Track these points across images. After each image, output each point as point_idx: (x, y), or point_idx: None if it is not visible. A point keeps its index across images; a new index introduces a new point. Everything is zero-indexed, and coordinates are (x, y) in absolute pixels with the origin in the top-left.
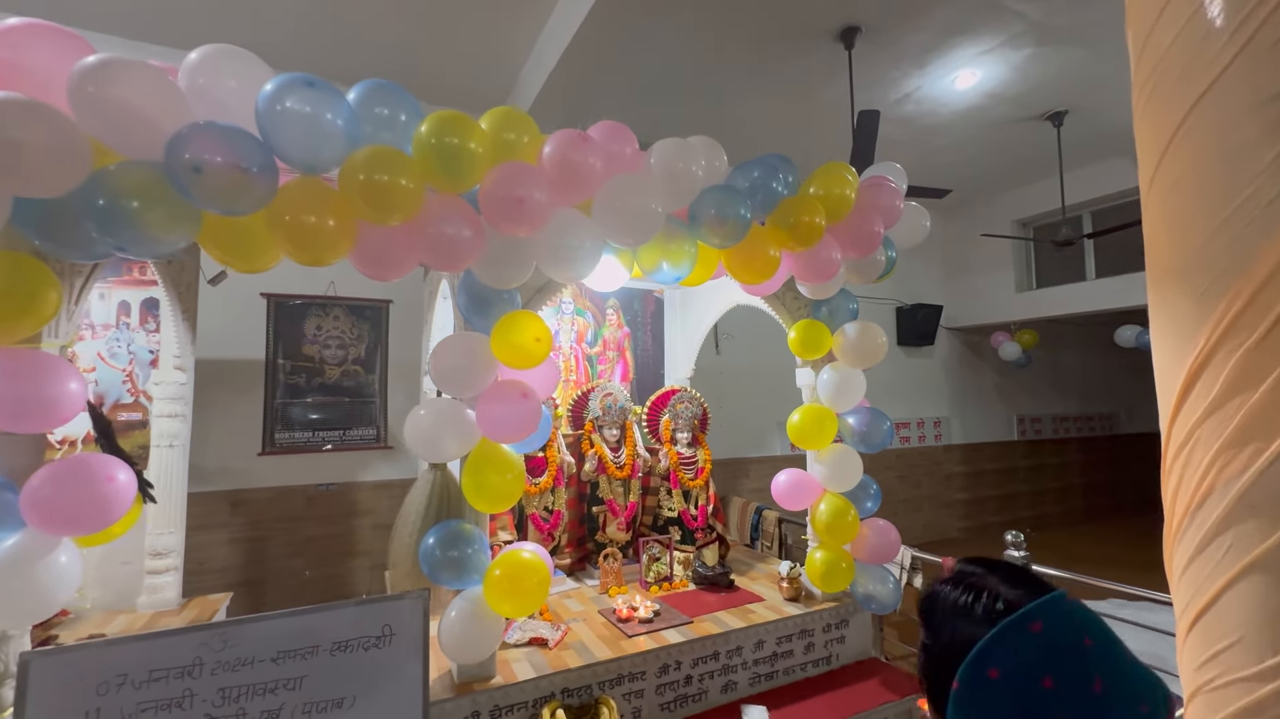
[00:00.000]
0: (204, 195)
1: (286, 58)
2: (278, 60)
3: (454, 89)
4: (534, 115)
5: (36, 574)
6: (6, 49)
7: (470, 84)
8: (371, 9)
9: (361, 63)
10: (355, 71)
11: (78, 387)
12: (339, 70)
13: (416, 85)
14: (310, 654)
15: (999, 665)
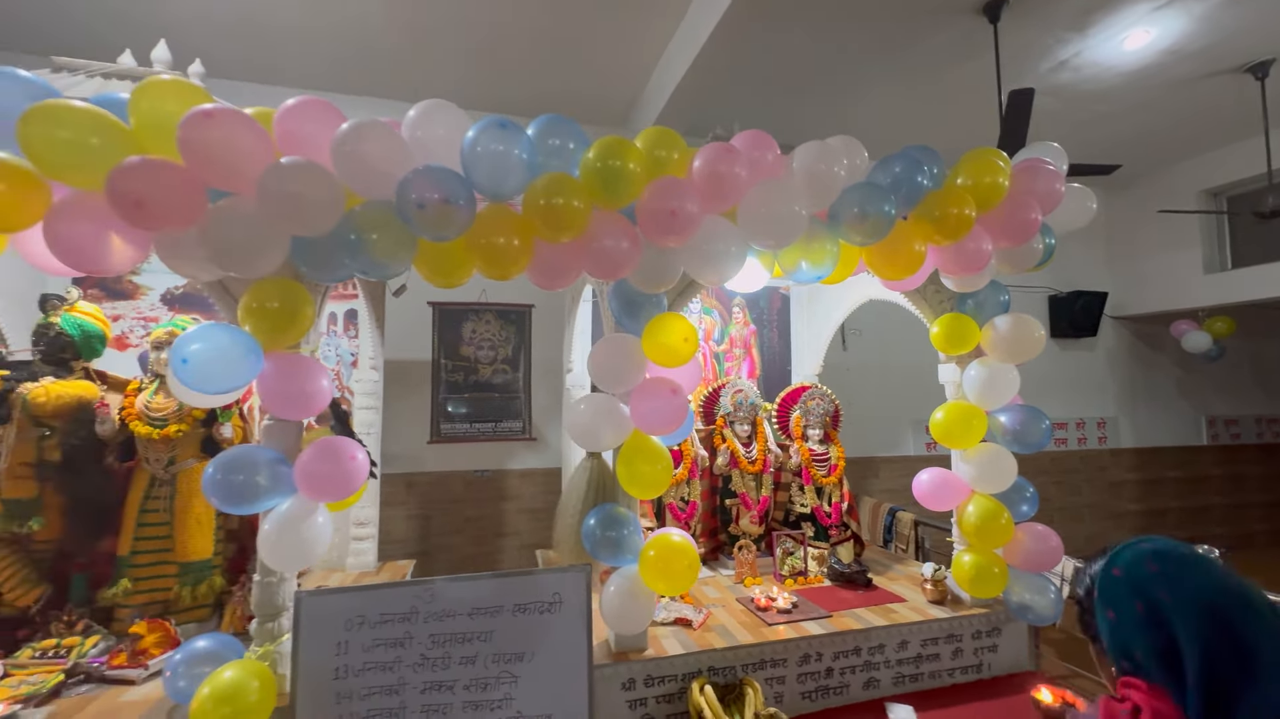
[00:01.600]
0: (424, 226)
1: (433, 88)
2: (427, 92)
3: (581, 103)
4: (662, 121)
5: (303, 531)
6: (288, 122)
7: (597, 96)
8: (506, 42)
9: (498, 88)
10: (494, 95)
11: (327, 384)
12: (480, 97)
13: (546, 103)
14: (497, 613)
15: (1110, 606)
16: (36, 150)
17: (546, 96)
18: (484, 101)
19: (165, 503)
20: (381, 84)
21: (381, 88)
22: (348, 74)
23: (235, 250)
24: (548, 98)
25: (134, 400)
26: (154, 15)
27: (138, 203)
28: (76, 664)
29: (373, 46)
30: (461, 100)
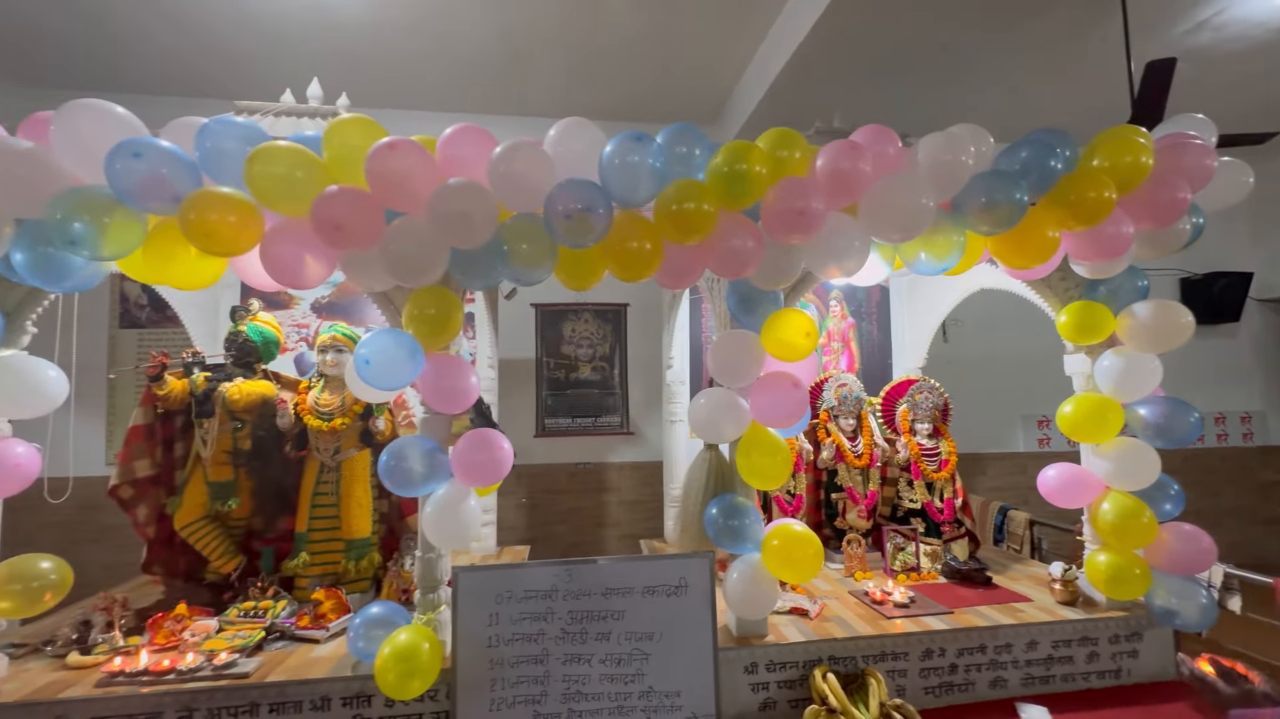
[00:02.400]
0: (567, 234)
1: (532, 101)
2: (534, 104)
3: (670, 105)
4: (757, 118)
5: (459, 513)
6: (450, 148)
7: (687, 98)
8: (599, 51)
9: (590, 95)
10: (586, 102)
11: (475, 381)
12: (574, 105)
13: (637, 107)
14: (628, 593)
15: None
16: (257, 184)
17: (637, 101)
18: (577, 109)
19: (332, 487)
20: (485, 101)
21: (485, 104)
22: (457, 94)
23: (409, 263)
24: (638, 102)
25: (306, 397)
26: (293, 55)
27: (337, 226)
28: (273, 624)
29: (479, 67)
30: (556, 110)
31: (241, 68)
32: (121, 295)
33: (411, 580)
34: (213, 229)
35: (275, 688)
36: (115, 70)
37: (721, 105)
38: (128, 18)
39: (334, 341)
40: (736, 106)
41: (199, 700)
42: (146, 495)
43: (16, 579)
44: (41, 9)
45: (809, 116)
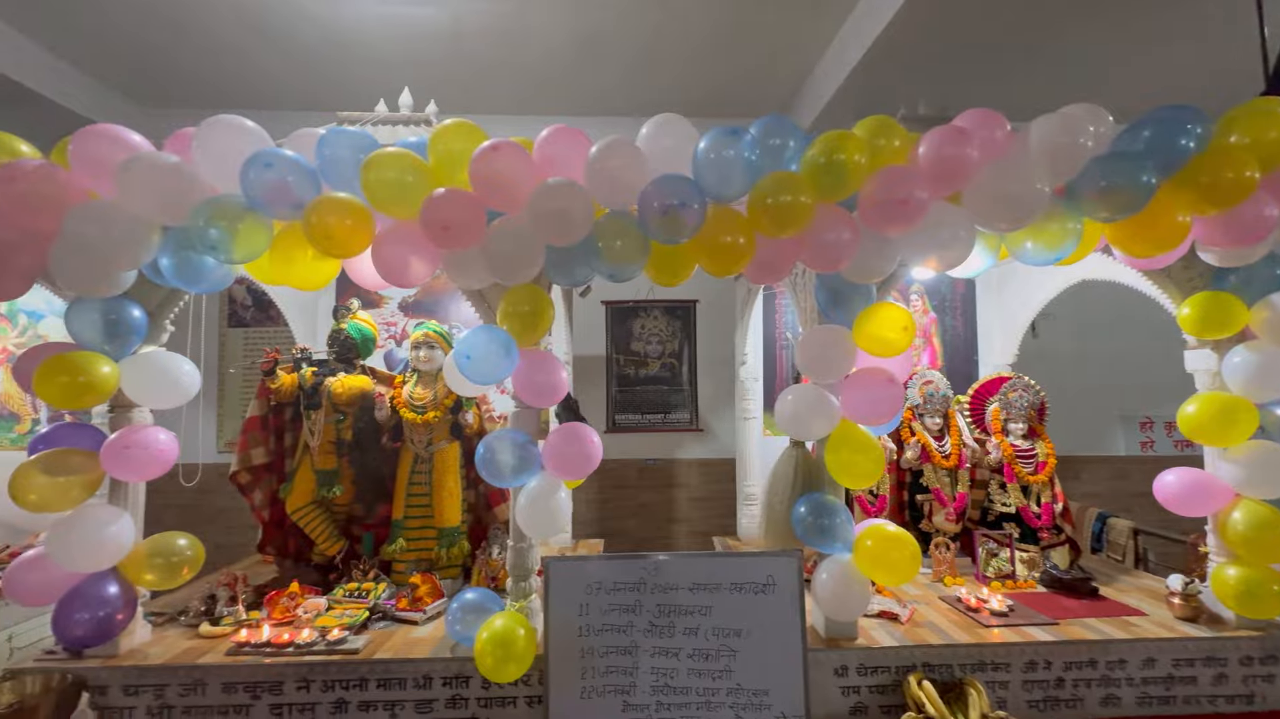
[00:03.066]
0: (662, 230)
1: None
2: (602, 104)
3: (738, 98)
4: (832, 108)
5: (550, 505)
6: (546, 149)
7: (756, 90)
8: (668, 48)
9: (656, 91)
10: (651, 99)
11: (565, 376)
12: (639, 103)
13: (704, 102)
14: (715, 590)
15: None
16: (372, 189)
17: (704, 97)
18: (644, 107)
19: (425, 477)
20: (555, 103)
21: (555, 106)
22: (528, 98)
23: (509, 261)
24: (705, 98)
25: (401, 391)
26: (380, 67)
27: (445, 226)
28: (375, 604)
29: (550, 69)
30: (624, 109)
31: (334, 82)
32: (229, 297)
33: (499, 568)
34: (332, 232)
35: (382, 665)
36: (221, 90)
37: (791, 98)
38: (232, 40)
39: (426, 338)
40: (808, 98)
41: (315, 673)
42: (261, 481)
43: (159, 554)
44: (157, 36)
45: (890, 104)
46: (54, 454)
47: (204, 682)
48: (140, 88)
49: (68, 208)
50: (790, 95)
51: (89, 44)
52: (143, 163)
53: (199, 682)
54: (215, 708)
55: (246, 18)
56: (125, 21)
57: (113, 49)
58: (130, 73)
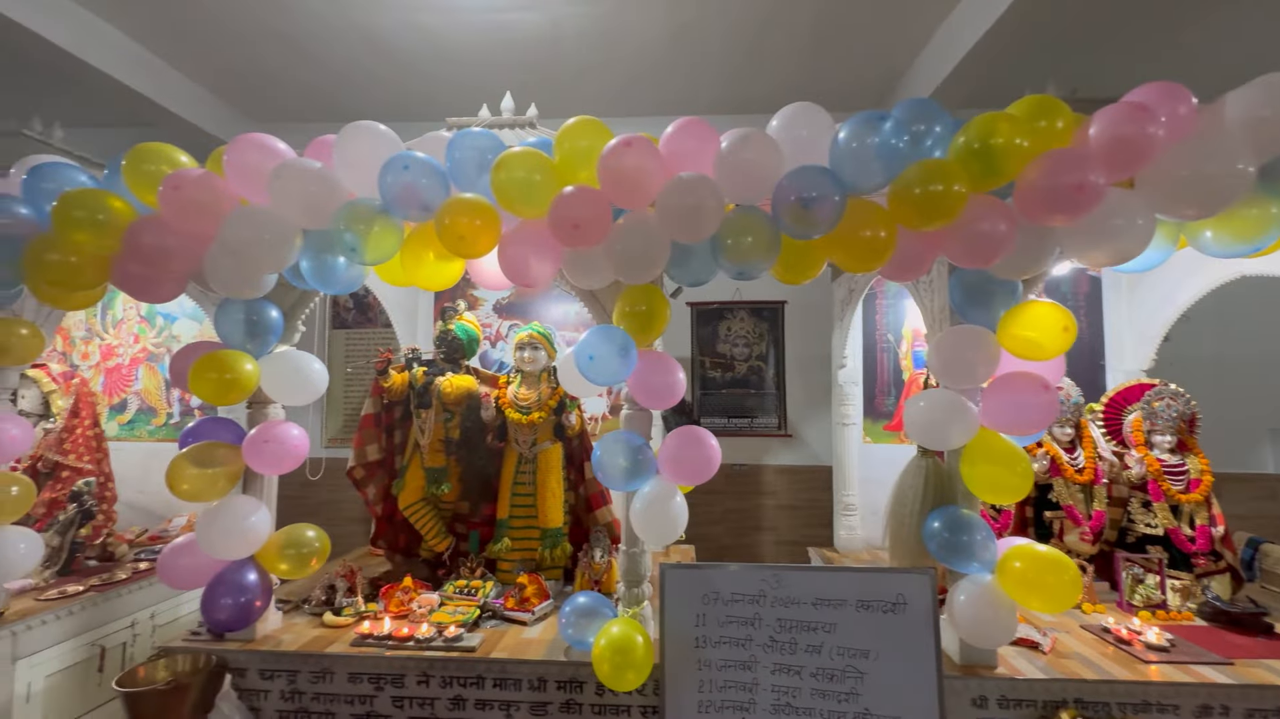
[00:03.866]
0: (798, 225)
1: (698, 99)
2: (696, 102)
3: (832, 91)
4: (941, 94)
5: (667, 510)
6: (675, 143)
7: (852, 82)
8: (764, 42)
9: (749, 87)
10: (744, 95)
11: (682, 377)
12: (731, 100)
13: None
14: (840, 606)
15: None
16: (502, 189)
17: (798, 90)
18: (740, 103)
19: (530, 477)
20: (649, 103)
21: (649, 106)
22: (622, 99)
23: (635, 259)
24: (800, 91)
25: (506, 391)
26: (480, 73)
27: (576, 224)
28: (485, 603)
29: (644, 69)
30: (719, 106)
31: (436, 90)
32: (333, 299)
33: (602, 572)
34: (464, 232)
35: (498, 665)
36: (332, 103)
37: (890, 87)
38: (344, 55)
39: (530, 339)
40: (910, 87)
41: (435, 668)
42: (374, 477)
43: (291, 545)
44: (274, 56)
45: (1009, 89)
46: (202, 447)
47: (332, 670)
48: (257, 105)
49: (224, 214)
50: (886, 88)
51: (215, 67)
52: (292, 169)
53: (327, 670)
54: (342, 696)
55: (360, 33)
56: (246, 44)
57: (234, 71)
58: (247, 91)
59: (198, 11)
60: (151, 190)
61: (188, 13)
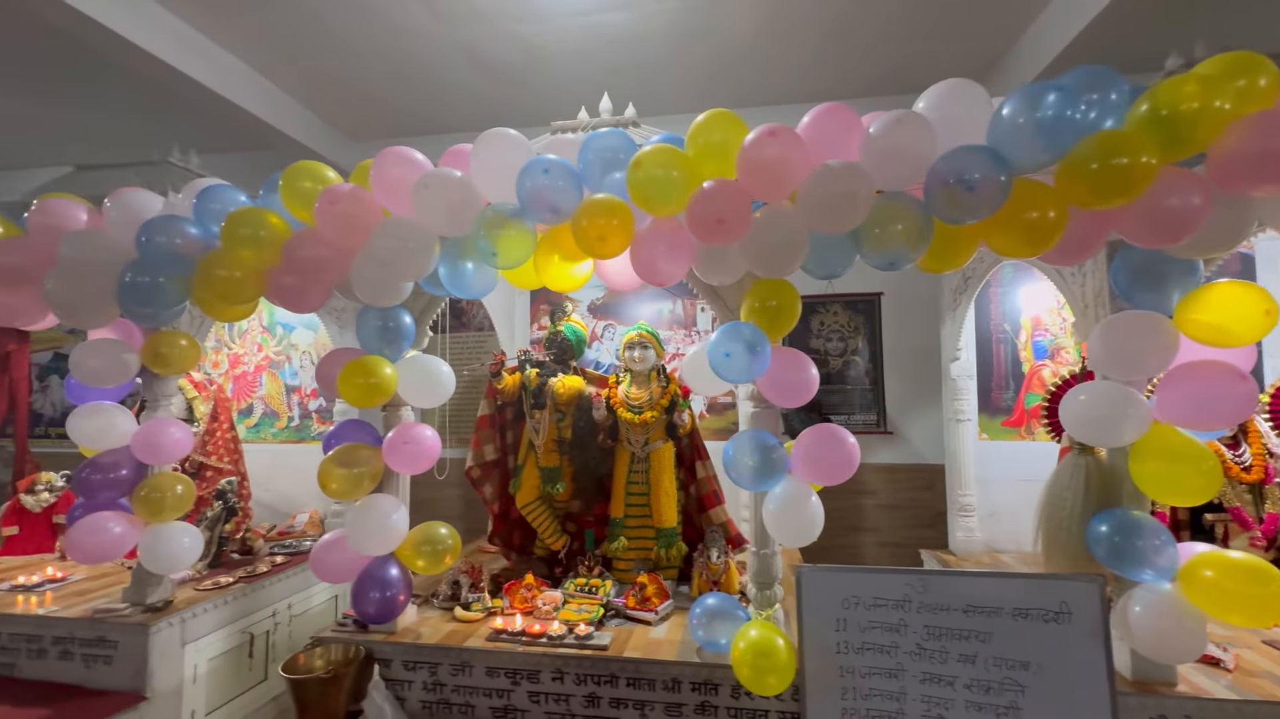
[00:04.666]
0: (954, 210)
1: (787, 89)
2: (785, 92)
3: (928, 73)
4: (1054, 70)
5: (804, 511)
6: (815, 130)
7: (948, 62)
8: (859, 28)
9: (848, 72)
10: (842, 82)
11: (815, 374)
12: (831, 86)
13: (892, 79)
14: (995, 614)
15: None
16: (641, 188)
17: (894, 73)
18: (821, 93)
19: (643, 476)
20: (736, 96)
21: (736, 99)
22: (708, 93)
23: (776, 253)
24: (895, 74)
25: (617, 391)
26: (572, 76)
27: (720, 220)
28: (608, 601)
29: (731, 61)
30: (809, 95)
31: (527, 97)
32: None
33: (719, 572)
34: (604, 232)
35: (632, 664)
36: (425, 117)
37: (994, 64)
38: (442, 67)
39: (640, 339)
40: (1016, 64)
41: (569, 665)
42: (490, 476)
43: (426, 542)
44: (374, 76)
45: (1145, 56)
46: (346, 449)
47: (470, 664)
48: (359, 125)
49: (371, 225)
50: (989, 64)
51: (325, 92)
52: (437, 179)
53: (466, 663)
54: (480, 689)
55: (461, 49)
56: (355, 69)
57: (341, 94)
58: (351, 112)
59: (315, 42)
60: (304, 206)
61: (305, 43)
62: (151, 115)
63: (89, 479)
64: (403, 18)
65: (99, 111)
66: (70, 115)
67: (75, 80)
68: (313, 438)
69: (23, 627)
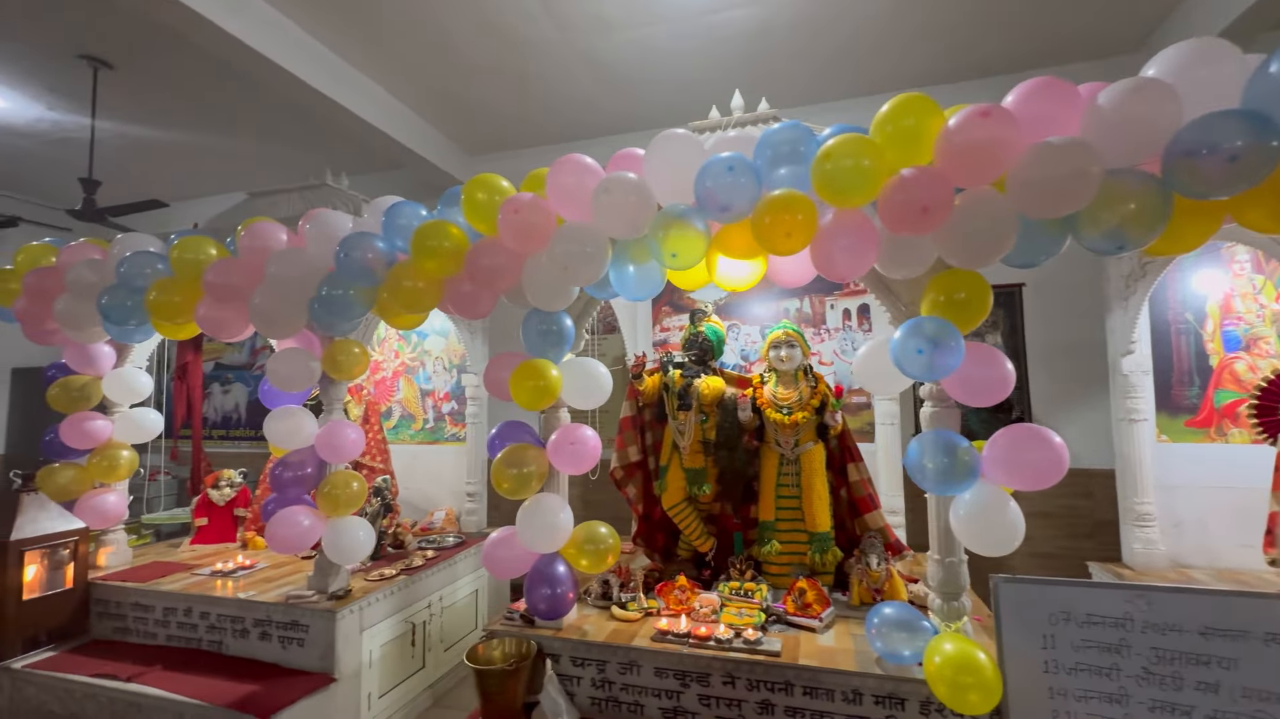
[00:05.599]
0: (1212, 184)
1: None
2: (912, 76)
3: (1074, 43)
4: (1236, 30)
5: (1002, 519)
6: (1025, 108)
7: (1099, 29)
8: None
9: (982, 51)
10: (978, 60)
11: (1011, 370)
12: (965, 65)
13: (1036, 54)
14: (1240, 638)
15: None
16: (829, 179)
17: (1032, 47)
18: (950, 73)
19: (793, 479)
20: (859, 84)
21: (859, 87)
22: (830, 83)
23: (982, 240)
24: (1034, 48)
25: (763, 391)
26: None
27: (925, 209)
28: (768, 606)
29: (855, 49)
30: (938, 76)
31: (641, 99)
32: None
33: (880, 579)
34: (790, 228)
35: (809, 672)
36: (540, 127)
37: (1152, 30)
38: (562, 78)
39: (787, 337)
40: (1189, 23)
41: (741, 670)
42: (633, 477)
43: (589, 541)
44: (496, 92)
45: None
46: (514, 449)
47: (638, 663)
48: (473, 139)
49: (549, 232)
50: (1147, 31)
51: (450, 111)
52: (618, 184)
53: (633, 662)
54: (649, 689)
55: (583, 59)
56: (480, 87)
57: (464, 111)
58: (466, 125)
59: (444, 63)
60: (484, 217)
61: (436, 65)
62: (302, 143)
63: (280, 476)
64: (528, 29)
65: (260, 141)
66: (238, 145)
67: (243, 111)
68: (446, 439)
69: (228, 609)
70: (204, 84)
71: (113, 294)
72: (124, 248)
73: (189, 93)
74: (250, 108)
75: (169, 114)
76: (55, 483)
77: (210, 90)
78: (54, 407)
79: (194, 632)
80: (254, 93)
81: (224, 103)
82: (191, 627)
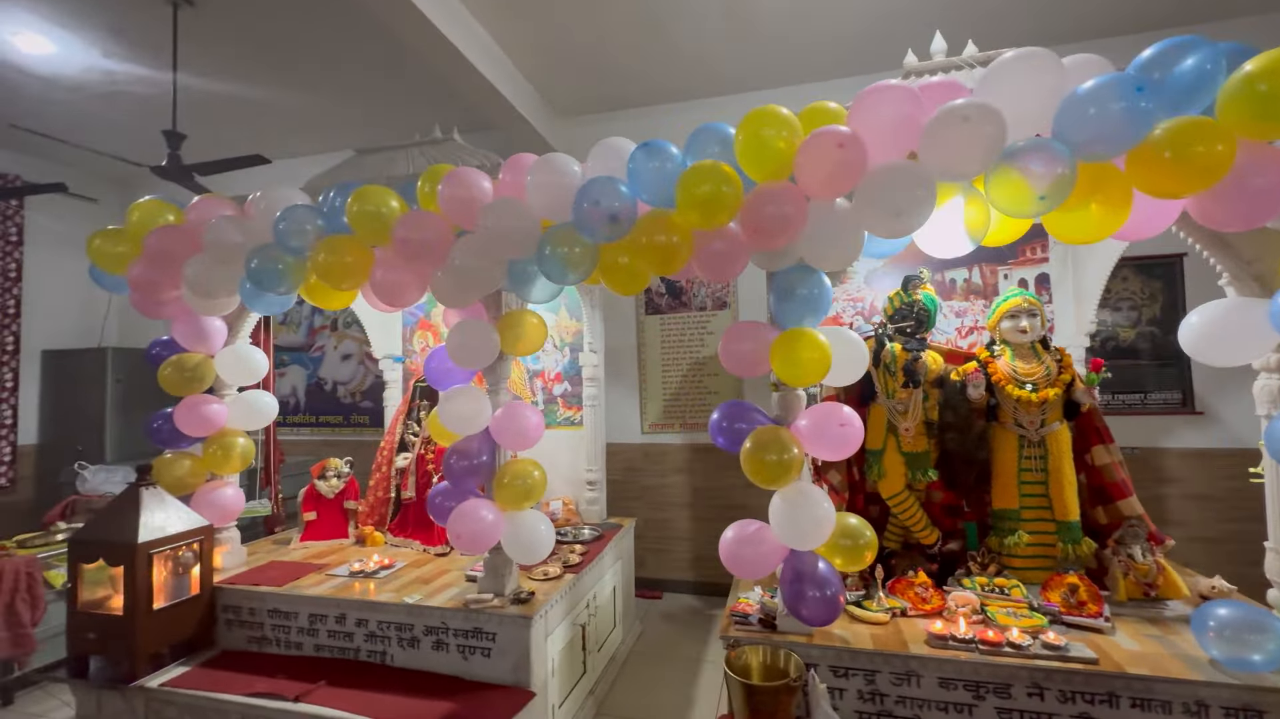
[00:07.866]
0: None
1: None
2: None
3: None
4: None
5: None
6: None
7: None
8: None
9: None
10: (1069, 26)
11: None
12: (1055, 31)
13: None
14: None
15: None
16: (1258, 103)
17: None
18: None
19: (1038, 463)
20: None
21: (1063, 33)
22: (1023, 31)
23: None
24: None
25: (997, 365)
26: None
27: None
28: (1041, 606)
29: None
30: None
31: (783, 52)
32: (646, 287)
33: (1151, 573)
34: (1210, 161)
35: (1140, 682)
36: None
37: None
38: (688, 27)
39: (1028, 305)
40: None
41: (1050, 680)
42: (836, 464)
43: (845, 536)
44: (613, 45)
45: None
46: (764, 433)
47: (917, 673)
48: (571, 99)
49: (860, 173)
50: None
51: (551, 63)
52: (978, 111)
53: (912, 672)
54: (933, 703)
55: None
56: (597, 38)
57: (568, 65)
58: (572, 84)
59: (564, 13)
60: (768, 158)
61: (552, 16)
62: (385, 101)
63: (454, 466)
64: None
65: (341, 99)
66: (318, 102)
67: (327, 63)
68: (559, 423)
69: (393, 615)
70: (293, 26)
71: (264, 256)
72: (202, 213)
73: (272, 38)
74: (334, 58)
75: (249, 61)
76: (172, 474)
77: (303, 32)
78: (167, 389)
79: (349, 641)
80: (345, 36)
81: (309, 51)
82: (346, 635)
